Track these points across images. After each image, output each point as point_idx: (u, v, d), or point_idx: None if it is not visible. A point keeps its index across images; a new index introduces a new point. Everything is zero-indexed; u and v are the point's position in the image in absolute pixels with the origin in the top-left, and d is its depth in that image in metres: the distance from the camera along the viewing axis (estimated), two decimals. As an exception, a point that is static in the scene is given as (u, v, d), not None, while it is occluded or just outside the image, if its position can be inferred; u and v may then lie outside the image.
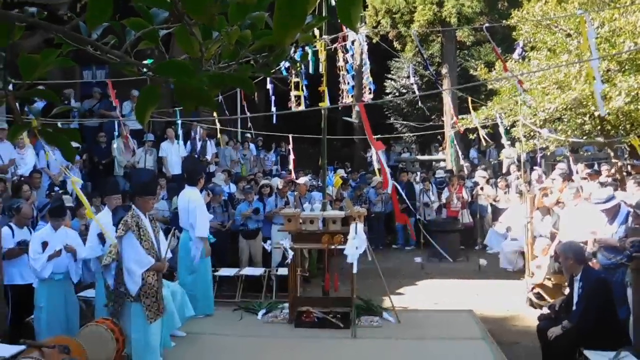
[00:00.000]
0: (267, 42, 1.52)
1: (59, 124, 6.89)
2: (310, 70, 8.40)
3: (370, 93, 9.37)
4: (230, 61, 1.51)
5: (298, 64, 7.31)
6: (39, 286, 5.67)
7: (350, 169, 15.51)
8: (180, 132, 10.96)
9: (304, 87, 9.48)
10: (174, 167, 10.83)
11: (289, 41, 1.23)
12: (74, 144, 1.60)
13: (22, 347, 4.29)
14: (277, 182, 9.57)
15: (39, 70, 1.38)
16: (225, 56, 1.50)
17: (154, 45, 1.47)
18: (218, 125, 11.54)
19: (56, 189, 7.64)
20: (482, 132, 10.85)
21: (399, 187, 6.69)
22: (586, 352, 4.39)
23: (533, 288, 7.02)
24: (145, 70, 1.46)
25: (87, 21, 1.36)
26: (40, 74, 1.39)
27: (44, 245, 5.59)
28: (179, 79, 1.36)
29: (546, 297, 6.76)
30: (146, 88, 1.41)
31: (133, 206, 5.36)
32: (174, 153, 10.90)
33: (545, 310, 5.72)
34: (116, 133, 10.26)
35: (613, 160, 9.14)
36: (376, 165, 8.19)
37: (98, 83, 11.55)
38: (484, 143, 11.61)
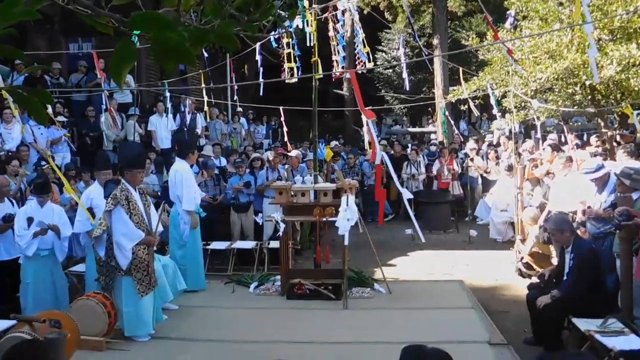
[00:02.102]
0: None
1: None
2: (308, 43, 8.21)
3: (369, 61, 9.17)
4: (213, 18, 1.42)
5: (287, 28, 7.11)
6: (25, 262, 5.62)
7: (343, 142, 15.46)
8: (169, 105, 10.79)
9: (297, 58, 9.30)
10: (163, 141, 10.72)
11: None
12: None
13: (13, 322, 4.28)
14: (268, 155, 9.52)
15: (2, 23, 1.29)
16: (208, 12, 1.42)
17: (128, 1, 1.38)
18: (205, 98, 11.37)
19: (43, 163, 7.53)
20: (472, 104, 10.75)
21: (386, 160, 6.62)
22: (574, 320, 4.46)
23: (522, 258, 7.09)
24: (118, 24, 1.37)
25: None
26: (2, 28, 1.30)
27: (29, 221, 5.53)
28: (157, 33, 1.27)
29: (535, 266, 6.83)
30: (121, 44, 1.32)
31: (122, 180, 5.32)
32: (162, 127, 10.77)
33: (535, 280, 5.79)
34: (104, 107, 10.09)
35: (603, 130, 9.16)
36: (367, 138, 8.13)
37: (84, 56, 11.32)
38: (475, 114, 11.54)
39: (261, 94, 11.31)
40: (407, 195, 6.73)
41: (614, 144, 8.80)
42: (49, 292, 5.63)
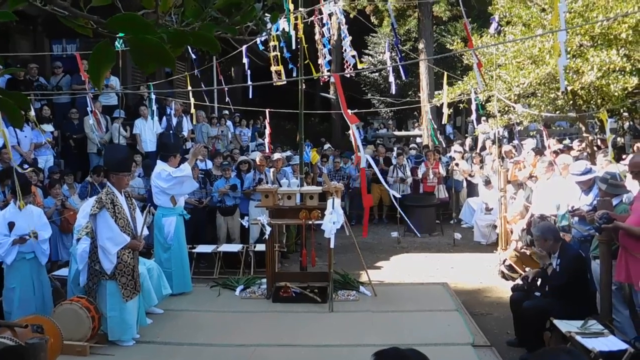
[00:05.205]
0: (234, 0, 1.45)
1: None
2: (293, 46, 8.19)
3: (357, 62, 9.14)
4: (194, 20, 1.42)
5: (269, 30, 7.11)
6: (8, 267, 5.55)
7: (329, 145, 15.47)
8: (154, 107, 10.70)
9: (288, 60, 9.27)
10: (148, 144, 10.64)
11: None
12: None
13: (-6, 327, 4.23)
14: (256, 157, 9.51)
15: None
16: (188, 14, 1.42)
17: (107, 3, 1.37)
18: (192, 101, 11.31)
19: (25, 166, 7.44)
20: (447, 111, 10.58)
21: (372, 163, 6.66)
22: (556, 322, 4.52)
23: (504, 261, 7.18)
24: (96, 25, 1.37)
25: None
26: None
27: (11, 225, 5.46)
28: (135, 34, 1.26)
29: (517, 269, 6.92)
30: (99, 45, 1.30)
31: (107, 183, 5.29)
32: (148, 130, 10.69)
33: (518, 282, 5.87)
34: (89, 109, 9.98)
35: (584, 135, 9.31)
36: (354, 142, 8.16)
37: (65, 57, 11.19)
38: (444, 121, 11.53)
39: (250, 96, 11.27)
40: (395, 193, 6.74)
41: (595, 148, 8.95)
42: (35, 295, 5.56)
